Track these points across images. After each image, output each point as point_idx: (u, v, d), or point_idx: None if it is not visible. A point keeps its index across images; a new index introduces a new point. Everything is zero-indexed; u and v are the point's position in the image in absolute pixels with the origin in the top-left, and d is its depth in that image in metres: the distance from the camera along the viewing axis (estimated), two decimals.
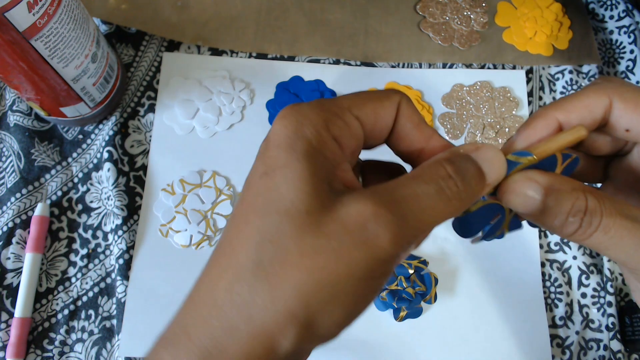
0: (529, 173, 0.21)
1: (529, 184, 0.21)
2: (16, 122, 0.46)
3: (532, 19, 0.54)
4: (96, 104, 0.44)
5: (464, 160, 0.20)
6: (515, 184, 0.21)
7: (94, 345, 0.41)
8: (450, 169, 0.19)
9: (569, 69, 0.53)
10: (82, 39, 0.39)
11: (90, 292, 0.43)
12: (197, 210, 0.44)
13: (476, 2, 0.55)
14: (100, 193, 0.45)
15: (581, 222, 0.20)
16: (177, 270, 0.43)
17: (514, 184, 0.21)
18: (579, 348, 0.44)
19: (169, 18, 0.51)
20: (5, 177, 0.45)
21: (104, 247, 0.44)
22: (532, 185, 0.21)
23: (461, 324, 0.44)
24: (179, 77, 0.49)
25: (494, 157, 0.20)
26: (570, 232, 0.21)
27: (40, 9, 0.34)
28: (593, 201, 0.20)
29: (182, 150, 0.47)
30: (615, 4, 0.55)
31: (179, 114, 0.47)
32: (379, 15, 0.53)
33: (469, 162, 0.20)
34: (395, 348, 0.43)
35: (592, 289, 0.45)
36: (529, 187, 0.21)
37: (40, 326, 0.41)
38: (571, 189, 0.21)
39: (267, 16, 0.52)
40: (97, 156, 0.46)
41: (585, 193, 0.21)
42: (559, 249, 0.46)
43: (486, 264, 0.45)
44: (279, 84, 0.49)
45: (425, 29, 0.53)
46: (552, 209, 0.21)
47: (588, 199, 0.20)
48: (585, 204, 0.20)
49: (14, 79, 0.38)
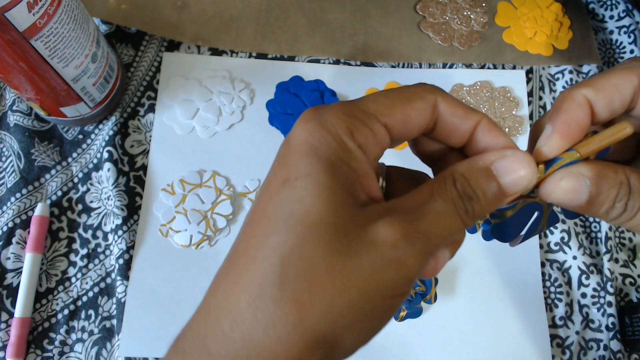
0: (574, 168, 0.20)
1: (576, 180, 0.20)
2: (16, 122, 0.46)
3: (532, 19, 0.54)
4: (96, 104, 0.44)
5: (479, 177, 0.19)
6: (562, 181, 0.20)
7: (94, 345, 0.41)
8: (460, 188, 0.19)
9: (569, 69, 0.53)
10: (82, 39, 0.39)
11: (90, 292, 0.43)
12: (197, 210, 0.44)
13: (476, 2, 0.55)
14: (100, 193, 0.45)
15: (625, 205, 0.20)
16: (177, 270, 0.43)
17: (560, 182, 0.20)
18: (579, 348, 0.44)
19: (169, 18, 0.51)
20: (5, 177, 0.45)
21: (104, 247, 0.44)
22: (581, 181, 0.20)
23: (461, 324, 0.44)
24: (179, 77, 0.49)
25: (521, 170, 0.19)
26: (614, 217, 0.21)
27: (40, 9, 0.34)
28: (636, 183, 0.20)
29: (182, 150, 0.47)
30: (615, 4, 0.55)
31: (179, 114, 0.47)
32: (379, 15, 0.53)
33: (484, 178, 0.19)
34: (395, 348, 0.43)
35: (592, 289, 0.45)
36: (578, 183, 0.20)
37: (40, 326, 0.41)
38: (615, 174, 0.20)
39: (267, 16, 0.52)
40: (97, 156, 0.46)
41: (627, 176, 0.20)
42: (559, 249, 0.46)
43: (486, 264, 0.45)
44: (279, 84, 0.49)
45: (425, 29, 0.53)
46: (599, 199, 0.20)
47: (631, 181, 0.20)
48: (628, 188, 0.20)
49: (14, 79, 0.38)
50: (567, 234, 0.46)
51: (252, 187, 0.46)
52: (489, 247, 0.46)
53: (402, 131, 0.20)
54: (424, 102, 0.20)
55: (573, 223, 0.47)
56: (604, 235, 0.46)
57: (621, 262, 0.47)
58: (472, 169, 0.19)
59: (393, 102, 0.19)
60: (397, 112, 0.19)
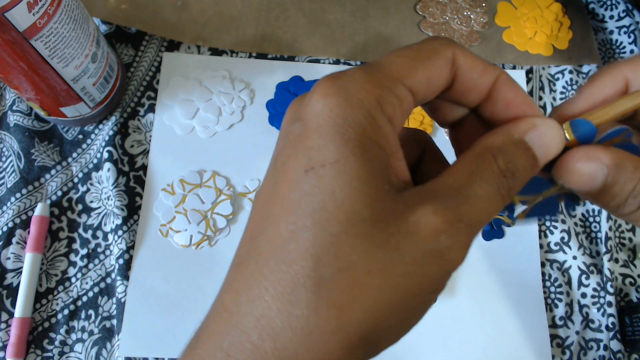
0: (592, 149, 0.19)
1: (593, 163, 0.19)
2: (16, 122, 0.46)
3: (532, 19, 0.54)
4: (96, 104, 0.44)
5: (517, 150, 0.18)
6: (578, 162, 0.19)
7: (94, 345, 0.41)
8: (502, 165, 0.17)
9: (569, 69, 0.53)
10: (82, 39, 0.39)
11: (90, 292, 0.43)
12: (197, 210, 0.44)
13: (476, 2, 0.55)
14: (100, 193, 0.45)
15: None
16: (177, 270, 0.43)
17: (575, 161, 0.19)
18: (579, 348, 0.44)
19: (169, 18, 0.51)
20: (5, 177, 0.45)
21: (104, 247, 0.44)
22: (597, 165, 0.19)
23: (461, 324, 0.44)
24: (179, 77, 0.49)
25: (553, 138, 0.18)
26: (626, 212, 0.20)
27: (40, 9, 0.34)
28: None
29: (182, 150, 0.47)
30: (615, 4, 0.55)
31: (179, 114, 0.47)
32: (379, 15, 0.53)
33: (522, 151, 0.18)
34: (396, 348, 0.42)
35: (592, 289, 0.45)
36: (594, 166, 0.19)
37: (40, 326, 0.41)
38: (634, 168, 0.19)
39: (267, 16, 0.52)
40: (97, 156, 0.46)
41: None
42: (559, 249, 0.46)
43: (486, 264, 0.45)
44: (279, 84, 0.49)
45: (425, 29, 0.53)
46: (613, 190, 0.19)
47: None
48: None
49: (14, 79, 0.38)
50: (567, 234, 0.46)
51: (252, 187, 0.46)
52: (489, 247, 0.46)
53: (426, 93, 0.18)
54: (444, 58, 0.18)
55: (573, 223, 0.47)
56: (604, 235, 0.46)
57: (621, 262, 0.47)
58: (509, 142, 0.18)
59: (414, 63, 0.17)
60: (419, 73, 0.17)
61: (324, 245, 0.15)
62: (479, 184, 0.17)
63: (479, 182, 0.17)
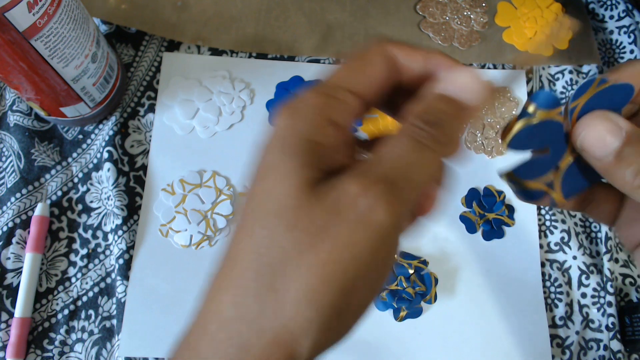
0: (611, 114, 0.19)
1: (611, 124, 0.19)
2: (16, 122, 0.46)
3: (532, 19, 0.54)
4: (96, 104, 0.44)
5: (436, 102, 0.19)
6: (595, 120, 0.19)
7: (94, 345, 0.41)
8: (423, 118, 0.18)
9: (569, 69, 0.53)
10: (82, 39, 0.39)
11: (90, 292, 0.43)
12: (197, 210, 0.44)
13: (476, 2, 0.55)
14: (100, 193, 0.45)
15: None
16: (177, 270, 0.43)
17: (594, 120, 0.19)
18: (579, 348, 0.44)
19: (169, 18, 0.51)
20: (5, 177, 0.45)
21: (104, 247, 0.44)
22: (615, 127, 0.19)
23: (461, 324, 0.44)
24: (179, 77, 0.49)
25: (465, 79, 0.19)
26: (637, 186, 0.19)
27: (40, 9, 0.34)
28: None
29: (182, 150, 0.47)
30: (615, 4, 0.55)
31: (179, 114, 0.47)
32: (379, 15, 0.53)
33: (439, 101, 0.19)
34: (395, 348, 0.43)
35: (592, 289, 0.45)
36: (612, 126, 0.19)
37: (40, 326, 0.41)
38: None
39: (267, 16, 0.52)
40: (97, 156, 0.46)
41: None
42: (559, 249, 0.46)
43: (486, 264, 0.45)
44: (279, 84, 0.49)
45: (425, 29, 0.53)
46: (627, 159, 0.19)
47: None
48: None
49: (14, 79, 0.38)
50: (567, 234, 0.46)
51: None
52: (489, 247, 0.46)
53: (370, 91, 0.19)
54: (377, 56, 0.19)
55: (573, 223, 0.47)
56: (604, 235, 0.46)
57: (621, 262, 0.47)
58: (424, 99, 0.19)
59: (351, 66, 0.19)
60: (358, 75, 0.19)
61: (262, 239, 0.17)
62: (394, 143, 0.18)
63: (395, 141, 0.18)
